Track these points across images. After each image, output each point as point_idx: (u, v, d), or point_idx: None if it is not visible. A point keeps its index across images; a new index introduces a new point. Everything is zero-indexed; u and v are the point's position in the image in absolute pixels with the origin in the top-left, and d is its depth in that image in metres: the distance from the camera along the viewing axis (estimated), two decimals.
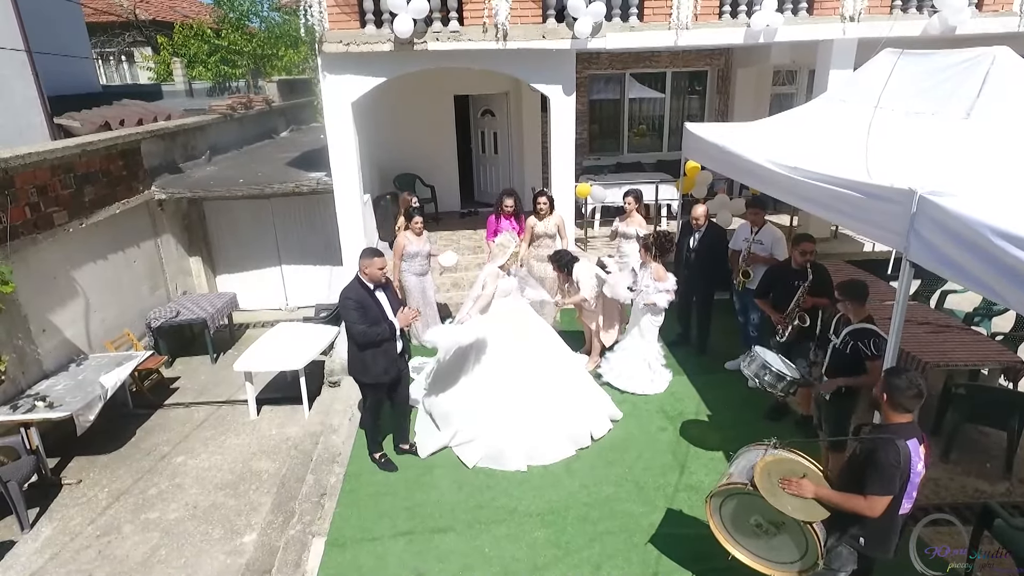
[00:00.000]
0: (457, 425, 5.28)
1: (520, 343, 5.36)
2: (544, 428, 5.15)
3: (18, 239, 5.59)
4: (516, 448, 5.05)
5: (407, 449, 5.30)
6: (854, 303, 4.08)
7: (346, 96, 7.22)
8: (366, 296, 4.68)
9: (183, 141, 9.17)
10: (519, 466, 4.99)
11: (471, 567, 4.10)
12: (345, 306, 4.65)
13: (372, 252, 4.76)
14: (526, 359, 5.31)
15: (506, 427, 5.11)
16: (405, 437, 5.36)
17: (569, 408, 5.31)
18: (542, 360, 5.39)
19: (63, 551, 4.58)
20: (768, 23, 7.27)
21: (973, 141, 4.00)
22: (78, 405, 5.31)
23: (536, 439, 5.10)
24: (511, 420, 5.13)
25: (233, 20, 20.73)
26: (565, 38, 7.13)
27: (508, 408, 5.15)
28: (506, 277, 5.50)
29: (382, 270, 4.73)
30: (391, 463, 5.13)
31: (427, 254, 6.91)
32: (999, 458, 4.92)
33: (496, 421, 5.15)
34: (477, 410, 5.21)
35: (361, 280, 4.72)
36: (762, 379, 4.36)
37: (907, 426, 2.93)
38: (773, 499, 3.02)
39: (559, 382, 5.37)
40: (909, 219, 3.31)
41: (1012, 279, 2.71)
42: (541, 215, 6.99)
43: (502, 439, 5.09)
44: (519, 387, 5.20)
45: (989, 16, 7.54)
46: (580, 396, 5.46)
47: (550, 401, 5.23)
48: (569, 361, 5.70)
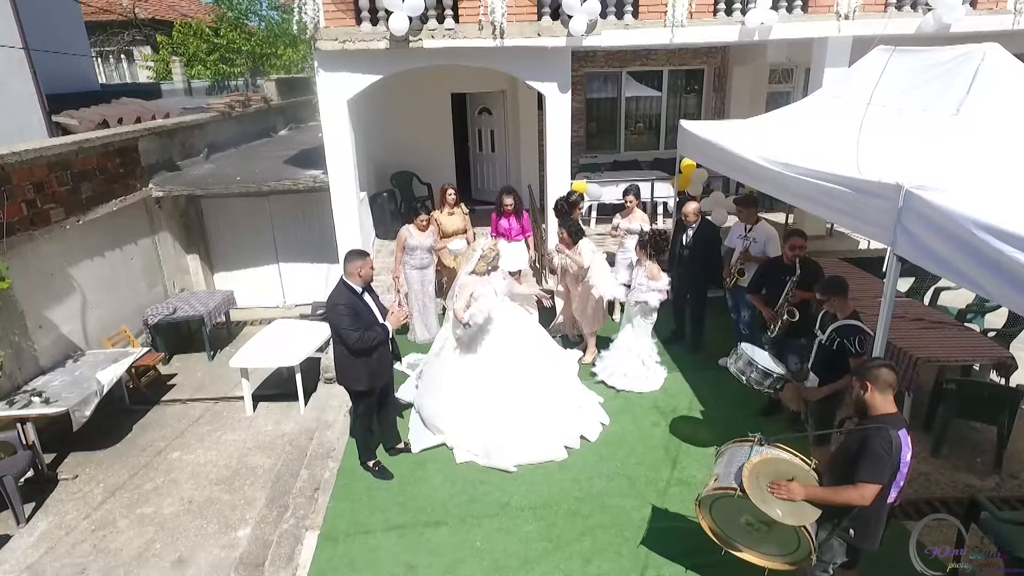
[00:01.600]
0: (446, 428, 5.27)
1: (509, 345, 5.28)
2: (532, 430, 5.09)
3: (15, 236, 5.62)
4: (504, 449, 5.02)
5: (401, 448, 5.26)
6: (836, 299, 4.10)
7: (342, 93, 7.24)
8: (356, 300, 4.56)
9: (181, 139, 9.19)
10: (507, 466, 4.95)
11: (463, 560, 4.13)
12: (336, 312, 4.47)
13: (360, 253, 4.65)
14: (515, 361, 5.25)
15: (494, 428, 5.08)
16: (397, 437, 5.29)
17: (557, 411, 5.28)
18: (531, 362, 5.33)
19: (58, 545, 4.62)
20: (763, 21, 7.28)
21: (962, 137, 4.02)
22: (74, 401, 5.35)
23: (524, 441, 5.05)
24: (499, 422, 5.09)
25: (232, 19, 20.79)
26: (560, 36, 7.14)
27: (496, 410, 5.10)
28: (491, 276, 5.35)
29: (371, 270, 4.67)
30: (386, 471, 5.00)
31: (428, 248, 6.93)
32: (989, 453, 4.95)
33: (484, 423, 5.11)
34: (465, 412, 5.18)
35: (348, 284, 4.56)
36: (748, 376, 4.38)
37: (894, 416, 2.96)
38: (763, 506, 2.99)
39: (547, 384, 5.33)
40: (896, 213, 3.34)
41: (994, 272, 2.74)
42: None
43: (490, 441, 5.06)
44: (507, 389, 5.14)
45: (983, 14, 7.55)
46: (568, 399, 5.44)
47: (538, 403, 5.19)
48: (559, 363, 5.67)
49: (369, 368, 4.65)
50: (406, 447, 5.29)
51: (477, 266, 5.28)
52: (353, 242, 7.75)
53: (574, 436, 5.28)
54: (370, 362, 4.63)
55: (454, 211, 7.26)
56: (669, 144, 10.81)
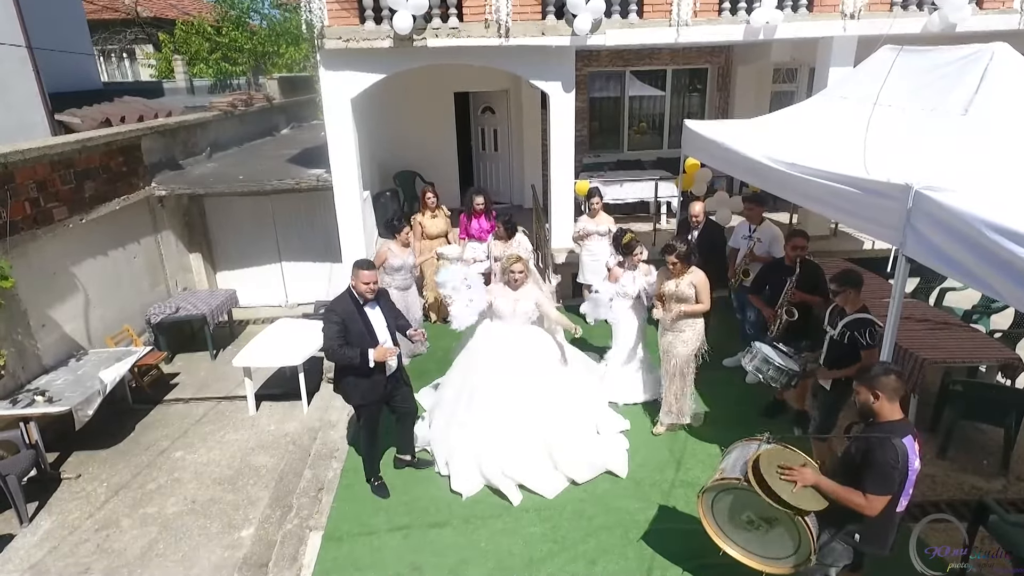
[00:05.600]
0: (450, 455, 4.95)
1: (508, 369, 4.84)
2: (527, 457, 4.75)
3: (18, 234, 5.61)
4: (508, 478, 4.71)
5: (407, 462, 5.05)
6: (851, 291, 4.12)
7: (346, 92, 7.22)
8: (353, 312, 4.36)
9: (184, 138, 9.18)
10: (514, 497, 4.61)
11: (467, 561, 4.12)
12: (327, 319, 4.33)
13: (363, 264, 4.46)
14: (513, 385, 4.82)
15: (499, 459, 4.74)
16: (408, 448, 5.05)
17: (563, 441, 4.86)
18: (533, 388, 4.85)
19: (62, 544, 4.61)
20: (768, 20, 7.25)
21: (971, 137, 3.99)
22: (77, 400, 5.34)
23: (518, 468, 4.73)
24: (505, 452, 4.75)
25: (234, 17, 20.79)
26: (565, 35, 7.13)
27: (490, 434, 4.77)
28: (521, 291, 4.93)
29: (367, 284, 4.37)
30: (384, 487, 4.79)
31: (411, 267, 6.61)
32: (996, 455, 4.92)
33: (490, 453, 4.76)
34: (456, 433, 4.90)
35: (352, 293, 4.41)
36: (764, 373, 4.42)
37: (901, 423, 2.94)
38: (773, 483, 2.98)
39: (553, 411, 4.88)
40: (905, 214, 3.32)
41: (1007, 274, 2.71)
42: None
43: (494, 469, 4.73)
44: (504, 412, 4.78)
45: (989, 13, 7.52)
46: (579, 429, 4.99)
47: (539, 430, 4.80)
48: (577, 390, 5.16)
49: (356, 385, 4.45)
50: (412, 461, 5.07)
51: (503, 276, 4.97)
52: (356, 241, 7.76)
53: (584, 468, 4.83)
54: (360, 380, 4.41)
55: (436, 213, 7.20)
56: (672, 144, 10.78)
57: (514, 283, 4.86)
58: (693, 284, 4.99)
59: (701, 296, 5.01)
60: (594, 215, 7.08)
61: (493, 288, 5.11)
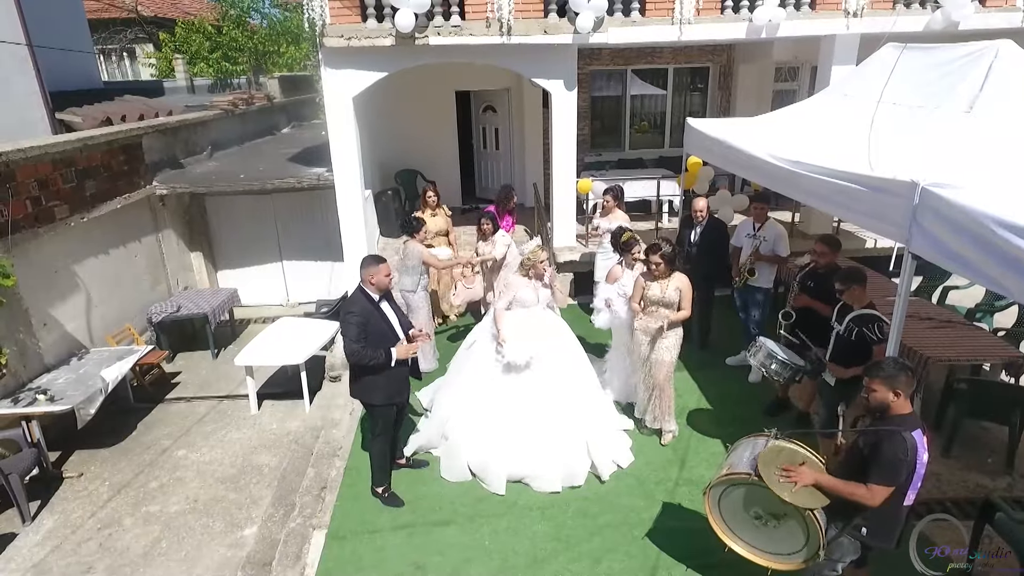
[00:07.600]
0: (451, 435, 5.04)
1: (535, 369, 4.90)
2: (536, 453, 4.77)
3: (19, 233, 5.59)
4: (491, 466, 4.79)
5: (401, 464, 5.01)
6: (856, 288, 4.13)
7: (347, 91, 7.21)
8: (371, 310, 4.26)
9: (184, 137, 9.16)
10: (497, 488, 4.69)
11: (471, 560, 4.11)
12: (347, 321, 4.18)
13: (375, 259, 4.36)
14: (536, 384, 4.87)
15: (490, 445, 4.83)
16: (400, 452, 5.04)
17: (570, 439, 4.87)
18: (552, 386, 4.90)
19: (64, 543, 4.59)
20: (770, 18, 7.25)
21: (976, 135, 3.98)
22: (79, 399, 5.32)
23: (524, 463, 4.77)
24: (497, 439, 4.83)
25: (234, 16, 20.76)
26: (567, 33, 7.11)
27: (499, 426, 4.84)
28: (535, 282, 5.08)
29: (388, 276, 4.33)
30: (396, 497, 4.67)
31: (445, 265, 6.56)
32: (1000, 453, 4.92)
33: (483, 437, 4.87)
34: (469, 423, 4.95)
35: (365, 291, 4.29)
36: (768, 368, 4.41)
37: (910, 418, 2.94)
38: (773, 486, 3.01)
39: (564, 409, 4.90)
40: (911, 211, 3.31)
41: (1016, 270, 2.70)
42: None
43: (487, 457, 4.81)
44: (519, 407, 4.83)
45: (992, 11, 7.51)
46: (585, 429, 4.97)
47: (550, 427, 4.82)
48: (588, 389, 5.21)
49: (378, 385, 4.31)
50: (409, 462, 5.07)
51: (520, 269, 5.07)
52: (357, 240, 7.74)
53: (608, 464, 4.88)
54: (378, 379, 4.28)
55: (436, 212, 7.17)
56: (674, 142, 10.77)
57: (540, 274, 5.07)
58: (679, 289, 4.82)
59: (684, 302, 4.86)
60: (606, 213, 6.99)
61: (511, 280, 5.19)
